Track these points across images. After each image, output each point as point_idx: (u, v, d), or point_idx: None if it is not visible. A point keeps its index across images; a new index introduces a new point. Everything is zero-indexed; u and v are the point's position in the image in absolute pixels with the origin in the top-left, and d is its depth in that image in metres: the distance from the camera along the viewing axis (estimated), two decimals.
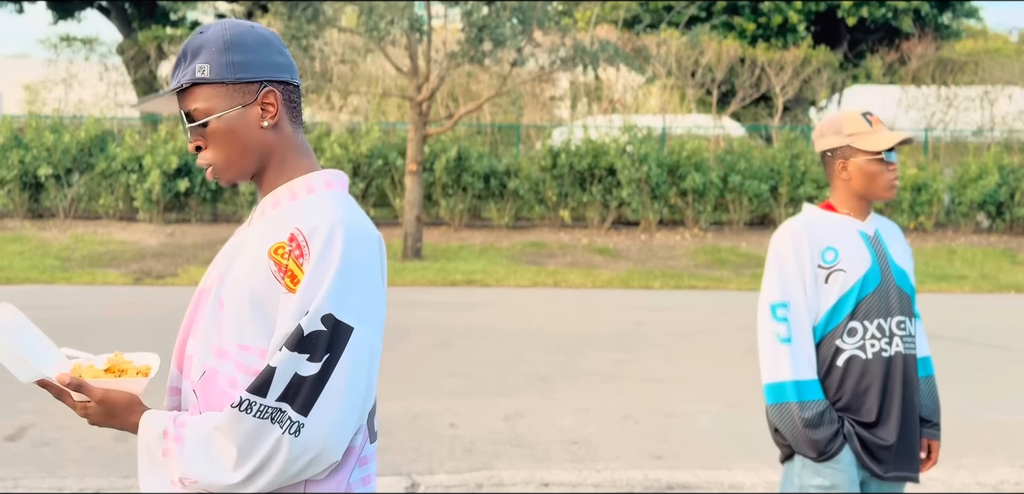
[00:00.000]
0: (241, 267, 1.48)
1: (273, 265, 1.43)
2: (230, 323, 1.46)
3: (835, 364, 2.56)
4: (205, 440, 1.39)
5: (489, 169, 15.99)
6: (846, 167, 2.54)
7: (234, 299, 1.46)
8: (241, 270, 1.47)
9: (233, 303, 1.46)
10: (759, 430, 5.51)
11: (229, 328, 1.46)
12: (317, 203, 1.47)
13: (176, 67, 1.51)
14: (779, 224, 14.31)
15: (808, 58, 19.23)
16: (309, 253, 1.40)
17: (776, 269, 2.59)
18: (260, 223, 1.51)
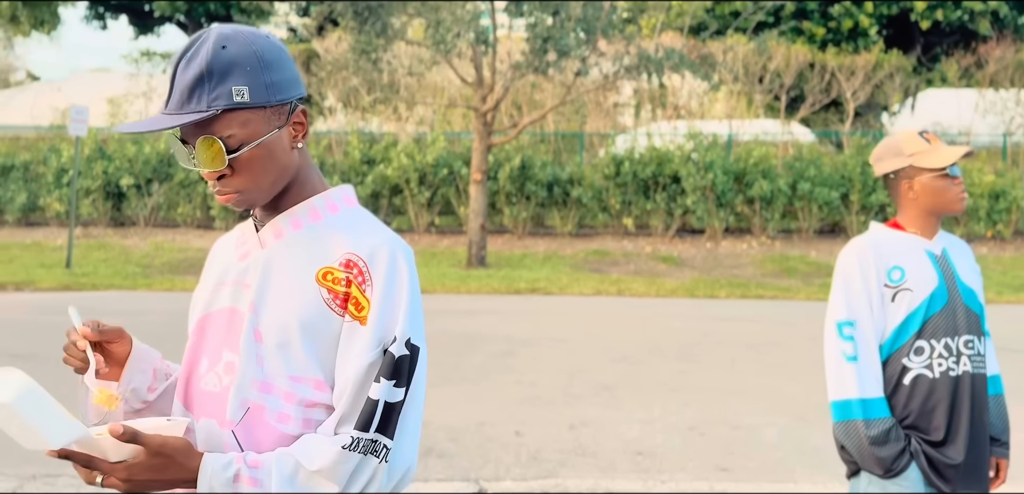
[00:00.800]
0: (280, 295, 1.39)
1: (325, 292, 1.38)
2: (275, 355, 1.38)
3: (902, 383, 2.57)
4: (292, 479, 1.31)
5: (552, 177, 16.08)
6: (912, 186, 2.55)
7: (279, 330, 1.38)
8: (282, 299, 1.39)
9: (277, 334, 1.38)
10: (827, 444, 5.46)
11: (274, 361, 1.38)
12: (356, 224, 1.44)
13: (196, 87, 1.33)
14: (850, 233, 14.13)
15: (880, 62, 18.81)
16: (373, 279, 1.37)
17: (842, 287, 2.62)
18: (282, 245, 1.43)
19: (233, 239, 1.53)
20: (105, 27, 23.30)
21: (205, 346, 1.45)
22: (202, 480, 1.30)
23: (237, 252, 1.48)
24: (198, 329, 1.47)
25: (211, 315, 1.46)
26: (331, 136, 18.36)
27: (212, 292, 1.48)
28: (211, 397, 1.41)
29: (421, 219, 16.57)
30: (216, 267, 1.52)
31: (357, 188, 16.38)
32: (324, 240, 1.42)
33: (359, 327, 1.35)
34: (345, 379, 1.35)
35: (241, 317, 1.41)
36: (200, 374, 1.43)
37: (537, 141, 17.85)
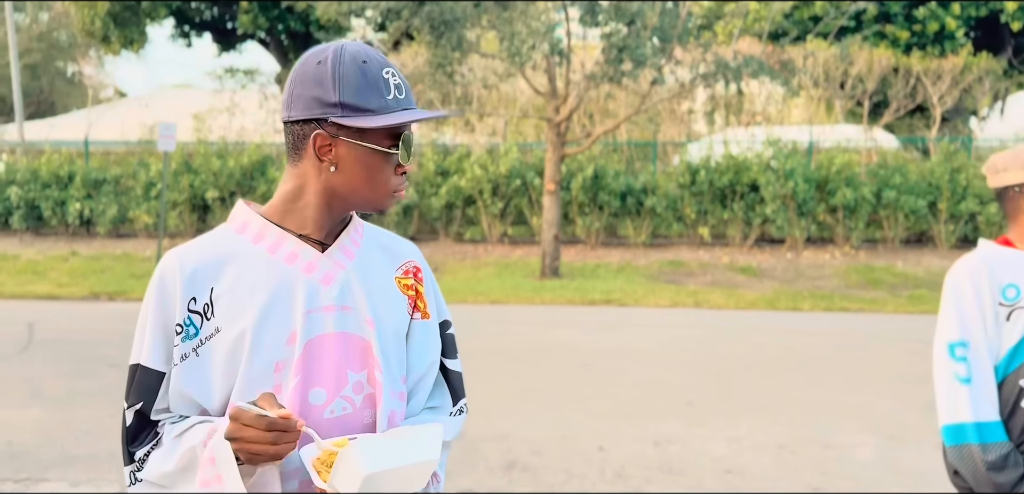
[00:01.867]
0: (383, 311, 1.50)
1: (406, 299, 1.56)
2: (393, 366, 1.50)
3: (1020, 405, 2.46)
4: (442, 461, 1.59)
5: (626, 187, 15.95)
6: None
7: (392, 342, 1.51)
8: (385, 314, 1.51)
9: (392, 345, 1.51)
10: (923, 464, 5.25)
11: (392, 370, 1.50)
12: (382, 233, 1.62)
13: (405, 92, 1.47)
14: (938, 242, 13.58)
15: (968, 66, 18.09)
16: (423, 278, 1.61)
17: (954, 307, 2.51)
18: (355, 263, 1.50)
19: (250, 256, 1.46)
20: (190, 45, 24.14)
21: (316, 377, 1.44)
22: None
23: (307, 274, 1.46)
24: (302, 363, 1.43)
25: (313, 345, 1.44)
26: None
27: (305, 321, 1.44)
28: (345, 422, 1.45)
29: (494, 230, 16.64)
30: (252, 288, 1.44)
31: (431, 199, 16.56)
32: (379, 252, 1.57)
33: (426, 323, 1.59)
34: (427, 365, 1.59)
35: (362, 340, 1.47)
36: (318, 406, 1.44)
37: (609, 150, 17.73)
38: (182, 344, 1.45)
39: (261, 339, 1.43)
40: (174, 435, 1.44)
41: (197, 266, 1.46)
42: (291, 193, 1.50)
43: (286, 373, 1.43)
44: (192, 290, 1.45)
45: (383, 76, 1.44)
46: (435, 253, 15.98)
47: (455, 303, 12.07)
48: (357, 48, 1.46)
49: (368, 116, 1.42)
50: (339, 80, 1.42)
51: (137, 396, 1.46)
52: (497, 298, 12.29)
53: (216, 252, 1.48)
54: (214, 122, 21.49)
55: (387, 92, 1.44)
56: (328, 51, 1.46)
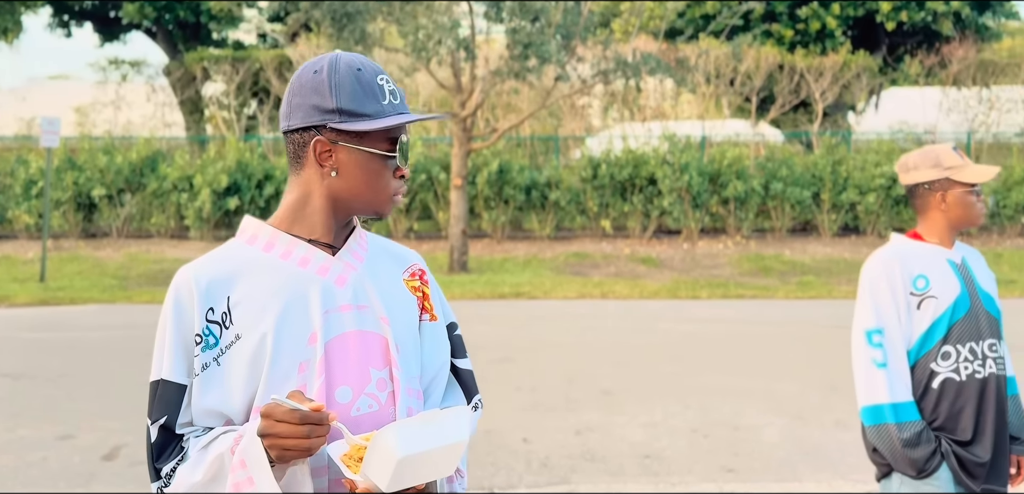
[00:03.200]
0: (396, 311, 1.55)
1: (415, 300, 1.60)
2: (410, 363, 1.54)
3: (930, 386, 2.67)
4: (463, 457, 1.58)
5: (530, 181, 16.17)
6: (945, 199, 2.67)
7: (407, 340, 1.55)
8: (399, 313, 1.55)
9: (407, 344, 1.55)
10: (825, 441, 5.61)
11: (409, 367, 1.54)
12: (384, 239, 1.67)
13: (399, 98, 1.52)
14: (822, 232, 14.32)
15: (847, 63, 19.18)
16: (428, 281, 1.66)
17: (870, 297, 2.71)
18: (365, 265, 1.55)
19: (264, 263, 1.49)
20: (69, 34, 22.90)
21: (341, 375, 1.46)
22: None
23: (322, 276, 1.49)
24: (324, 362, 1.45)
25: (334, 345, 1.47)
26: None
27: (324, 321, 1.47)
28: (369, 418, 1.46)
29: (400, 225, 16.56)
30: (271, 295, 1.47)
31: None
32: (385, 255, 1.62)
33: (435, 324, 1.63)
34: (438, 365, 1.62)
35: (380, 337, 1.51)
36: (345, 403, 1.46)
37: (513, 145, 17.92)
38: (202, 354, 1.45)
39: (282, 341, 1.44)
40: (200, 446, 1.44)
41: (212, 278, 1.48)
42: (297, 201, 1.53)
43: (310, 373, 1.45)
44: (209, 301, 1.46)
45: (377, 82, 1.49)
46: None
47: None
48: (351, 57, 1.50)
49: (365, 120, 1.46)
50: (336, 87, 1.46)
51: (161, 411, 1.46)
52: None
53: (229, 263, 1.50)
54: (98, 116, 20.48)
55: (382, 97, 1.48)
56: (324, 61, 1.50)
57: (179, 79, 20.03)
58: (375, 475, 1.31)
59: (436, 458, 1.35)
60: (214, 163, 16.07)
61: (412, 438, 1.32)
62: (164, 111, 20.25)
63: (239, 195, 15.93)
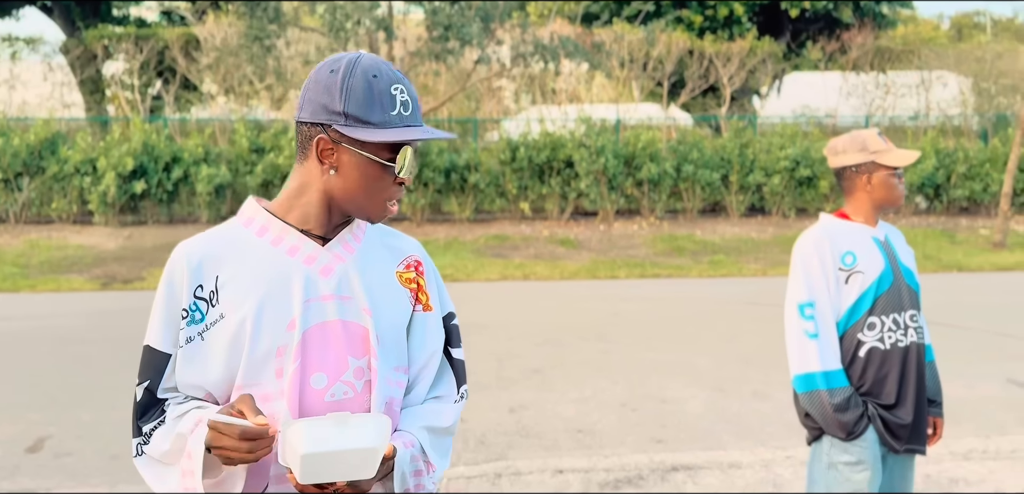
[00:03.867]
0: (382, 302, 1.58)
1: (408, 293, 1.64)
2: (389, 353, 1.58)
3: (858, 355, 2.86)
4: (440, 445, 1.64)
5: (449, 164, 16.17)
6: (870, 181, 2.86)
7: (391, 330, 1.59)
8: (385, 304, 1.59)
9: (390, 334, 1.59)
10: (745, 412, 5.89)
11: (389, 358, 1.58)
12: (386, 230, 1.69)
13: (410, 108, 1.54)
14: (730, 212, 14.84)
15: (753, 49, 19.86)
16: (426, 273, 1.68)
17: (802, 272, 2.87)
18: (355, 257, 1.58)
19: (255, 247, 1.54)
20: None
21: (317, 362, 1.51)
22: (398, 464, 1.51)
23: (308, 265, 1.53)
24: (301, 348, 1.50)
25: (312, 333, 1.51)
26: (214, 123, 17.74)
27: (304, 309, 1.51)
28: (345, 405, 1.52)
29: None
30: (256, 278, 1.51)
31: (246, 178, 15.93)
32: (380, 248, 1.64)
33: (428, 314, 1.67)
34: (428, 354, 1.66)
35: (361, 327, 1.55)
36: (319, 389, 1.50)
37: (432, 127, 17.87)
38: (187, 328, 1.51)
39: (262, 325, 1.49)
40: (173, 417, 1.51)
41: (203, 256, 1.53)
42: (295, 190, 1.57)
43: (286, 358, 1.49)
44: (199, 278, 1.51)
45: (390, 92, 1.50)
46: None
47: None
48: (372, 62, 1.52)
49: (369, 129, 1.48)
50: (346, 91, 1.49)
51: (146, 375, 1.54)
52: None
53: (223, 243, 1.55)
54: None
55: (391, 108, 1.50)
56: (343, 61, 1.53)
57: (78, 57, 19.12)
58: (289, 464, 1.38)
59: (347, 459, 1.36)
60: (118, 145, 15.45)
61: (319, 438, 1.36)
62: (62, 91, 19.30)
63: (145, 179, 15.38)
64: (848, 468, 2.83)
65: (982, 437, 5.31)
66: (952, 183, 17.48)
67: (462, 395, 1.72)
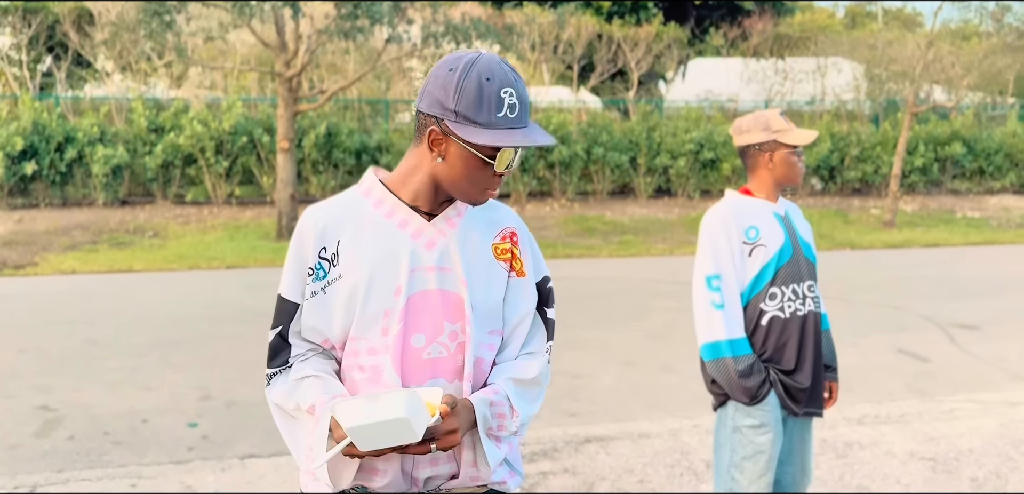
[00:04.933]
0: (478, 274, 1.77)
1: (503, 263, 1.82)
2: (483, 320, 1.76)
3: (760, 324, 3.00)
4: (522, 392, 1.79)
5: (360, 145, 15.97)
6: (772, 159, 3.00)
7: (484, 300, 1.77)
8: (481, 276, 1.78)
9: (484, 304, 1.77)
10: (654, 384, 6.09)
11: (482, 323, 1.76)
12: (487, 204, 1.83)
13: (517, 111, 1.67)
14: (639, 194, 15.16)
15: (660, 34, 20.29)
16: (521, 242, 1.85)
17: (709, 246, 2.99)
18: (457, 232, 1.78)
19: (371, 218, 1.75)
20: None
21: (418, 324, 1.72)
22: (479, 420, 1.69)
23: (414, 239, 1.74)
24: (406, 311, 1.71)
25: (416, 298, 1.73)
26: (111, 102, 17.01)
27: (409, 276, 1.72)
28: (439, 363, 1.73)
29: (220, 190, 15.85)
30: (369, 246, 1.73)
31: (145, 158, 15.35)
32: (480, 223, 1.82)
33: (523, 280, 1.84)
34: (521, 316, 1.83)
35: (458, 296, 1.75)
36: (418, 347, 1.72)
37: (341, 108, 17.60)
38: (313, 283, 1.75)
39: (372, 289, 1.71)
40: (295, 378, 1.75)
41: (328, 222, 1.75)
42: (409, 170, 1.77)
43: (392, 319, 1.71)
44: (323, 241, 1.74)
45: (500, 95, 1.65)
46: (153, 217, 14.89)
47: (186, 270, 11.44)
48: (489, 63, 1.66)
49: (474, 128, 1.64)
50: (459, 91, 1.64)
51: (277, 321, 1.79)
52: (233, 262, 11.82)
53: (344, 211, 1.77)
54: None
55: (499, 110, 1.64)
56: (461, 61, 1.67)
57: None
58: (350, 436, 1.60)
59: (388, 429, 1.55)
60: (6, 124, 14.64)
61: (354, 413, 1.57)
62: None
63: (37, 159, 14.64)
64: (752, 431, 2.97)
65: (874, 403, 5.64)
66: (845, 165, 18.34)
67: (549, 352, 1.88)
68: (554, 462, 4.57)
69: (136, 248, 13.06)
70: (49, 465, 4.55)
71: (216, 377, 6.20)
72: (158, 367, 6.47)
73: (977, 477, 4.34)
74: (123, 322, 8.06)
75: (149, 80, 18.80)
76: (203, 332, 7.65)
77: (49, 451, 4.75)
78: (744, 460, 2.97)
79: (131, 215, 15.01)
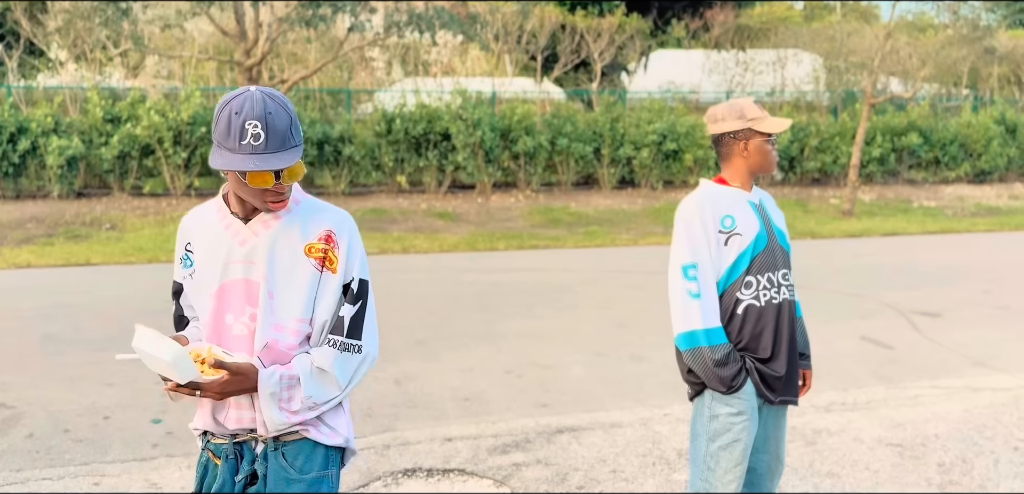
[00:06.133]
0: (283, 268, 2.10)
1: (313, 260, 2.11)
2: (285, 308, 2.11)
3: (736, 312, 2.99)
4: (311, 376, 2.09)
5: (322, 135, 15.78)
6: (747, 147, 3.00)
7: (285, 290, 2.10)
8: (285, 270, 2.10)
9: (285, 293, 2.10)
10: (624, 374, 6.10)
11: (284, 311, 2.11)
12: (316, 208, 2.16)
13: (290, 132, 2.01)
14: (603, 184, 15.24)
15: (622, 26, 20.37)
16: (339, 243, 2.13)
17: (685, 235, 2.97)
18: (271, 232, 2.10)
19: (211, 222, 2.14)
20: None
21: (228, 306, 2.11)
22: (261, 387, 2.06)
23: (232, 238, 2.10)
24: (219, 294, 2.11)
25: (227, 285, 2.11)
26: (65, 92, 16.59)
27: (223, 268, 2.10)
28: (240, 339, 2.12)
29: (178, 182, 15.56)
30: (207, 244, 2.14)
31: (101, 149, 15.00)
32: (300, 223, 2.12)
33: (332, 276, 2.12)
34: (324, 309, 2.12)
35: (256, 285, 2.09)
36: (228, 324, 2.11)
37: (302, 97, 17.37)
38: (184, 269, 2.21)
39: (201, 280, 2.15)
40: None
41: (185, 225, 2.22)
42: (229, 188, 2.14)
43: (210, 299, 2.14)
44: (184, 239, 2.20)
45: (243, 127, 1.95)
46: (110, 209, 14.57)
47: (145, 263, 11.20)
48: (242, 102, 1.96)
49: (224, 153, 1.97)
50: (215, 122, 1.98)
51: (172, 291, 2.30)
52: None
53: (198, 216, 2.20)
54: None
55: (242, 138, 1.94)
56: (227, 98, 2.00)
57: None
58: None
59: (158, 364, 1.96)
60: None
61: (143, 340, 1.97)
62: None
63: None
64: (728, 418, 2.96)
65: (841, 390, 5.71)
66: (805, 156, 18.59)
67: (351, 348, 2.12)
68: (527, 454, 4.55)
69: (93, 241, 12.76)
70: (7, 464, 4.41)
71: None
72: (119, 362, 6.31)
73: (944, 462, 4.42)
74: (82, 316, 7.86)
75: (104, 69, 18.37)
76: (165, 327, 7.47)
77: (7, 450, 4.61)
78: (720, 450, 2.97)
79: (87, 207, 14.66)
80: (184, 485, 4.16)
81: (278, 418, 2.07)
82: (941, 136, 19.72)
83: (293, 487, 2.13)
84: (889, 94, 18.67)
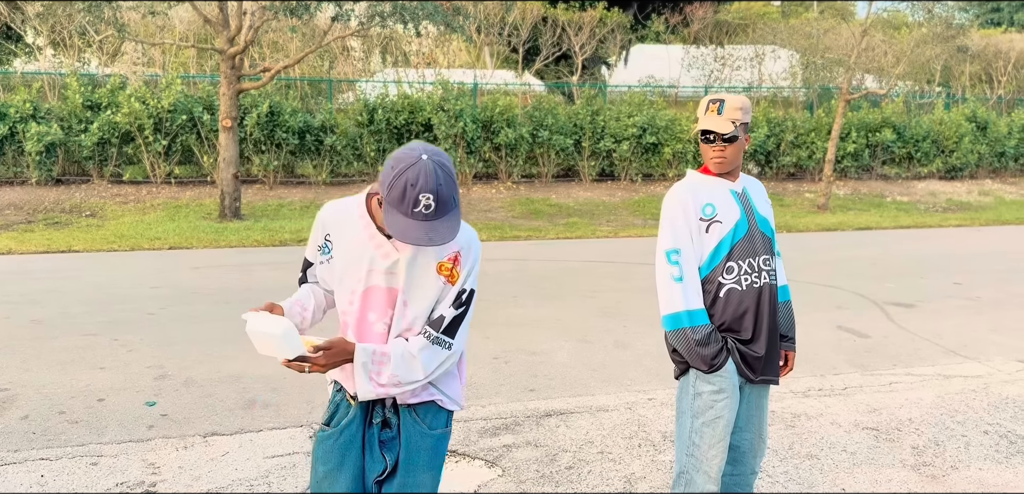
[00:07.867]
0: (419, 284, 2.43)
1: (442, 278, 2.46)
2: (413, 312, 2.45)
3: (718, 296, 3.14)
4: (402, 357, 2.43)
5: (304, 124, 15.79)
6: (701, 145, 3.18)
7: (420, 301, 2.44)
8: (420, 286, 2.44)
9: (416, 302, 2.44)
10: (607, 359, 6.25)
11: (412, 314, 2.45)
12: None
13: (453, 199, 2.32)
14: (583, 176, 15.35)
15: (603, 19, 20.52)
16: (463, 261, 2.48)
17: (669, 222, 3.13)
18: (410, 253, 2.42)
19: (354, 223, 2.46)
20: None
21: (371, 306, 2.46)
22: (356, 357, 2.38)
23: (375, 250, 2.43)
24: (364, 296, 2.45)
25: (371, 289, 2.46)
26: (43, 78, 16.47)
27: (367, 274, 2.44)
28: (379, 335, 2.48)
29: (159, 169, 15.51)
30: (347, 241, 2.47)
31: (81, 136, 14.92)
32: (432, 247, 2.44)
33: (452, 287, 2.47)
34: (439, 309, 2.45)
35: (396, 293, 2.45)
36: (371, 322, 2.46)
37: (283, 87, 17.35)
38: (322, 256, 2.56)
39: (345, 278, 2.47)
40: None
41: (325, 217, 2.54)
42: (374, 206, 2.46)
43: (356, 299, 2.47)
44: (325, 230, 2.53)
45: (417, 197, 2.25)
46: (89, 196, 14.50)
47: (127, 250, 11.20)
48: (422, 173, 2.22)
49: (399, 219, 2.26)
50: (389, 185, 2.25)
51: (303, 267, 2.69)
52: (175, 243, 11.60)
53: (339, 213, 2.50)
54: None
55: (415, 207, 2.24)
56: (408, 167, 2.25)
57: None
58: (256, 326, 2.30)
59: (268, 342, 2.23)
60: None
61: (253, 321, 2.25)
62: None
63: None
64: (711, 396, 3.11)
65: (818, 377, 5.90)
66: (781, 151, 18.87)
67: (443, 343, 2.46)
68: (516, 435, 4.68)
69: (74, 228, 12.71)
70: (4, 445, 4.47)
71: (171, 356, 6.14)
72: (110, 347, 6.37)
73: (917, 445, 4.61)
74: (68, 302, 7.88)
75: (83, 56, 18.23)
76: (152, 312, 7.54)
77: (3, 431, 4.67)
78: (704, 426, 3.11)
79: (66, 194, 14.59)
80: (182, 466, 4.25)
81: (367, 387, 2.41)
82: (914, 132, 20.09)
83: (424, 441, 2.54)
84: (864, 91, 19.00)
